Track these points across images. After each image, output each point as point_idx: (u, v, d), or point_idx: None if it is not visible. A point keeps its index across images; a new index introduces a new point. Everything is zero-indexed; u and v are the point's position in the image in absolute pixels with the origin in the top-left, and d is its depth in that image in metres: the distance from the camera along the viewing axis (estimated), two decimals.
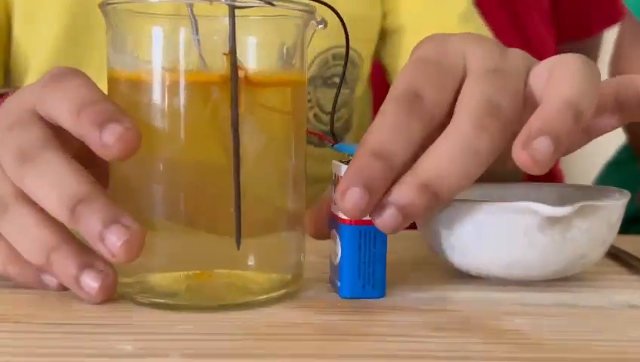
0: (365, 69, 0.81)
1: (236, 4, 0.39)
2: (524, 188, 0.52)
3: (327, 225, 0.45)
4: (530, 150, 0.37)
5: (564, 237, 0.44)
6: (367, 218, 0.40)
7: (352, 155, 0.42)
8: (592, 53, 1.28)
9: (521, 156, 0.38)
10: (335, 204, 0.43)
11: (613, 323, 0.41)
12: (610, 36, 1.27)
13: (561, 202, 0.44)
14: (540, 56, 0.45)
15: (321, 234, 0.45)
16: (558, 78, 0.41)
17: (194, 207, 0.41)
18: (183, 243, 0.41)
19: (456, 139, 0.39)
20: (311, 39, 0.43)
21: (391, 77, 0.83)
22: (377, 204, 0.38)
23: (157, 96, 0.40)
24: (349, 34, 0.44)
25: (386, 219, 0.38)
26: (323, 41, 0.75)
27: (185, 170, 0.40)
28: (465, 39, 0.45)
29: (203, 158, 0.41)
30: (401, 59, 0.80)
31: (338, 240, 0.43)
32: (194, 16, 0.39)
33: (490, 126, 0.39)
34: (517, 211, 0.43)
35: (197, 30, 0.39)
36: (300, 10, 0.41)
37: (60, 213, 0.39)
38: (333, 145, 0.43)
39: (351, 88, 0.80)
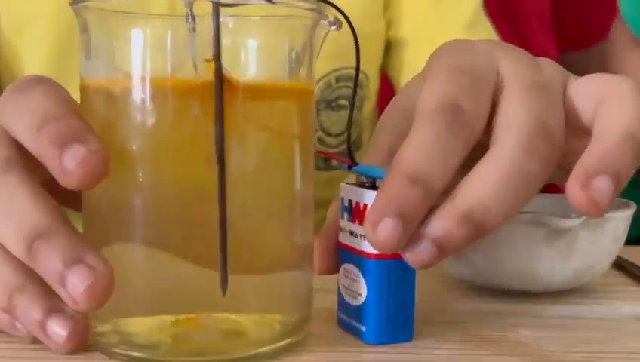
0: (372, 86, 0.77)
1: (222, 1, 0.33)
2: None
3: (336, 259, 0.39)
4: (589, 191, 0.33)
5: (570, 249, 0.44)
6: None
7: (373, 178, 0.36)
8: (595, 61, 1.26)
9: (579, 197, 0.33)
10: (349, 234, 0.37)
11: (619, 335, 0.40)
12: None
13: (564, 213, 0.43)
14: None
15: (330, 269, 0.39)
16: (611, 108, 0.37)
17: (180, 237, 0.34)
18: (168, 280, 0.35)
19: (504, 164, 0.34)
20: (322, 43, 0.37)
21: (396, 89, 0.78)
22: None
23: (133, 110, 0.34)
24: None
25: (419, 253, 0.33)
26: (325, 64, 0.70)
27: (169, 195, 0.34)
28: (492, 45, 0.40)
29: (189, 181, 0.34)
30: (405, 71, 0.76)
31: (361, 277, 0.36)
32: (192, 14, 0.32)
33: (540, 149, 0.35)
34: (524, 222, 0.43)
35: (194, 29, 0.33)
36: (306, 9, 0.35)
37: (16, 249, 0.33)
38: (350, 166, 0.37)
39: (358, 107, 0.76)
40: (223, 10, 0.33)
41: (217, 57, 0.33)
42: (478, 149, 0.35)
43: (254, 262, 0.35)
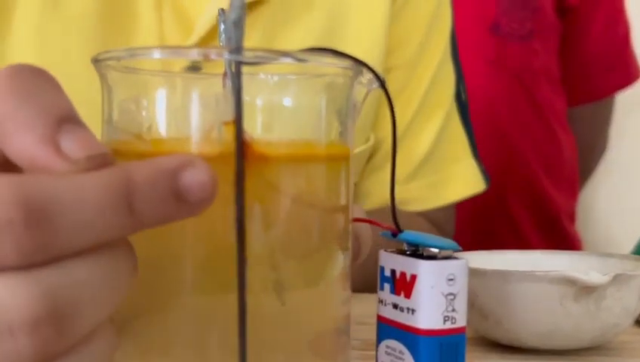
0: None
1: (244, 59, 0.29)
2: (546, 255, 0.52)
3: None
4: None
5: (598, 307, 0.43)
6: (445, 325, 0.32)
7: (422, 246, 0.33)
8: (604, 112, 1.28)
9: None
10: (392, 307, 0.34)
11: None
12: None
13: (586, 271, 0.43)
14: (551, 123, 0.40)
15: None
16: None
17: (197, 322, 0.31)
18: None
19: None
20: (364, 101, 0.34)
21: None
22: None
23: None
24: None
25: None
26: None
27: (188, 271, 0.31)
28: None
29: (211, 262, 0.31)
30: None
31: (409, 355, 0.33)
32: (230, 73, 0.29)
33: None
34: (554, 280, 0.43)
35: (240, 93, 0.29)
36: (339, 67, 0.33)
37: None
38: (395, 234, 0.34)
39: None
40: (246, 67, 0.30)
41: (239, 120, 0.30)
42: None
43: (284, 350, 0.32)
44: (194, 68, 0.32)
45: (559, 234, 1.21)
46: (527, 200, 1.18)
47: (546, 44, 1.19)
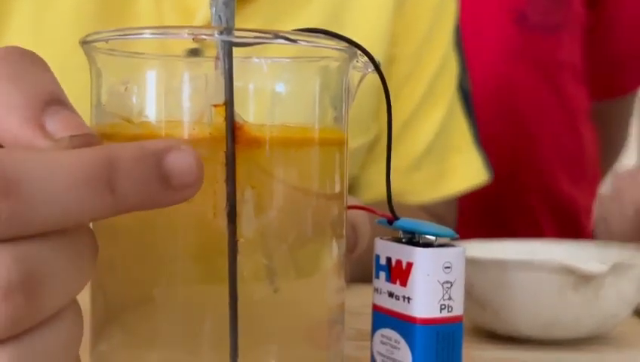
0: None
1: (235, 40, 0.29)
2: (544, 244, 0.52)
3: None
4: None
5: (597, 296, 0.43)
6: (441, 314, 0.32)
7: (419, 234, 0.33)
8: (627, 108, 1.27)
9: None
10: (387, 296, 0.33)
11: None
12: None
13: (586, 260, 0.43)
14: (574, 117, 0.40)
15: None
16: None
17: (186, 308, 0.30)
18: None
19: None
20: (359, 85, 0.33)
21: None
22: None
23: None
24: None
25: None
26: None
27: (177, 256, 0.30)
28: None
29: (199, 243, 0.30)
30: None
31: (405, 344, 0.33)
32: (224, 54, 0.29)
33: None
34: (552, 270, 0.42)
35: (231, 74, 0.29)
36: (333, 49, 0.32)
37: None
38: (391, 222, 0.33)
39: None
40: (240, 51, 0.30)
41: (229, 103, 0.29)
42: None
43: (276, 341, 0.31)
44: (194, 52, 0.32)
45: (576, 231, 1.19)
46: (543, 193, 1.16)
47: (572, 36, 1.17)
